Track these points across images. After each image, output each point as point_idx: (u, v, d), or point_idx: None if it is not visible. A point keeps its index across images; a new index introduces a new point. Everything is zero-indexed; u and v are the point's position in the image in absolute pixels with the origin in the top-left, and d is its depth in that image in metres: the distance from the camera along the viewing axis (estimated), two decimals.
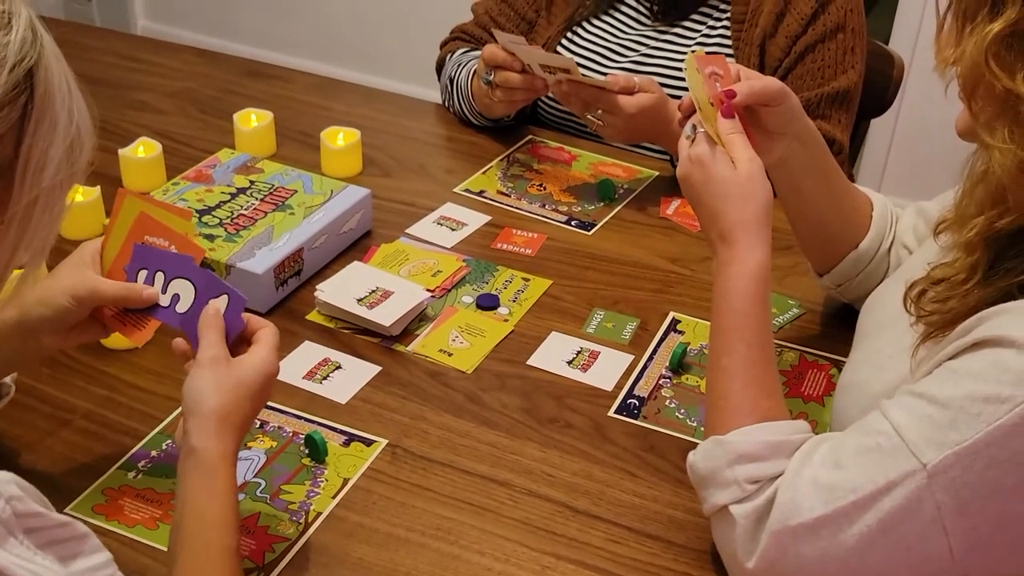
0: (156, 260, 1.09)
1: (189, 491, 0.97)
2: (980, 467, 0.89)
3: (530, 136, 1.80)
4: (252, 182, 1.53)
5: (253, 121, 1.71)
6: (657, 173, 1.71)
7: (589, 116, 1.59)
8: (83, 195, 1.49)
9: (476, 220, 1.59)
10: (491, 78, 1.62)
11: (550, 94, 1.64)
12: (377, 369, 1.31)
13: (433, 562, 1.08)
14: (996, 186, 0.94)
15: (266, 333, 1.06)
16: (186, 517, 0.96)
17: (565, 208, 1.63)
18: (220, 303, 1.05)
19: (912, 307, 1.04)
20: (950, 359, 0.94)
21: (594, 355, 1.34)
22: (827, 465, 0.96)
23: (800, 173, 1.26)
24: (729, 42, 1.70)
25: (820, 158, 1.26)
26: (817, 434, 1.22)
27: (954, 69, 0.96)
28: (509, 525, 1.12)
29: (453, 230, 1.56)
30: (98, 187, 1.51)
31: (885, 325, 1.14)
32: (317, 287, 1.40)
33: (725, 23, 1.71)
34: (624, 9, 1.79)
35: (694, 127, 1.11)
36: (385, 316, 1.34)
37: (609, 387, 1.30)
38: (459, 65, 1.80)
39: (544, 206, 1.63)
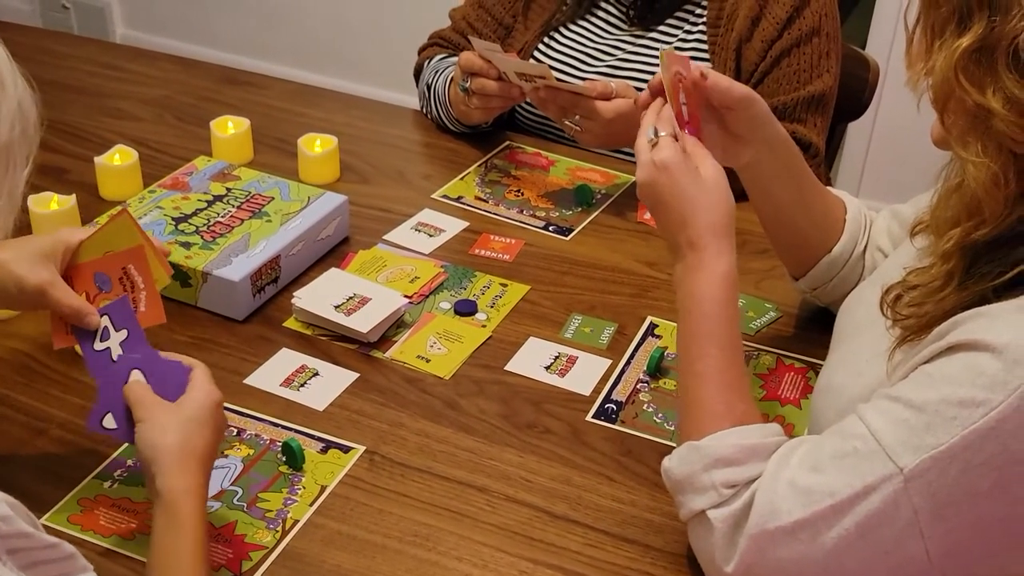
0: (121, 316, 1.09)
1: (156, 532, 0.98)
2: (956, 471, 0.89)
3: (508, 142, 1.80)
4: (229, 189, 1.52)
5: (230, 128, 1.71)
6: (634, 178, 1.71)
7: (567, 122, 1.59)
8: (58, 204, 1.49)
9: (454, 226, 1.59)
10: (467, 85, 1.62)
11: (527, 101, 1.64)
12: (355, 376, 1.31)
13: (411, 568, 1.07)
14: (971, 198, 0.94)
15: (197, 372, 1.07)
16: (153, 557, 0.97)
17: (543, 213, 1.63)
18: (137, 375, 1.06)
19: (888, 311, 1.04)
20: (926, 363, 0.95)
21: (572, 360, 1.34)
22: (805, 468, 0.96)
23: (769, 178, 1.27)
24: (705, 46, 1.71)
25: (790, 163, 1.26)
26: (793, 437, 1.23)
27: (926, 82, 0.96)
28: (487, 531, 1.12)
29: (431, 236, 1.56)
30: (73, 195, 1.51)
31: (862, 328, 1.14)
32: (294, 294, 1.39)
33: (701, 28, 1.71)
34: (600, 14, 1.79)
35: (655, 130, 1.10)
36: (362, 323, 1.34)
37: (587, 392, 1.30)
38: (436, 72, 1.80)
39: (522, 212, 1.63)
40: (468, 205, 1.64)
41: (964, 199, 0.96)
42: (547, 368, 1.33)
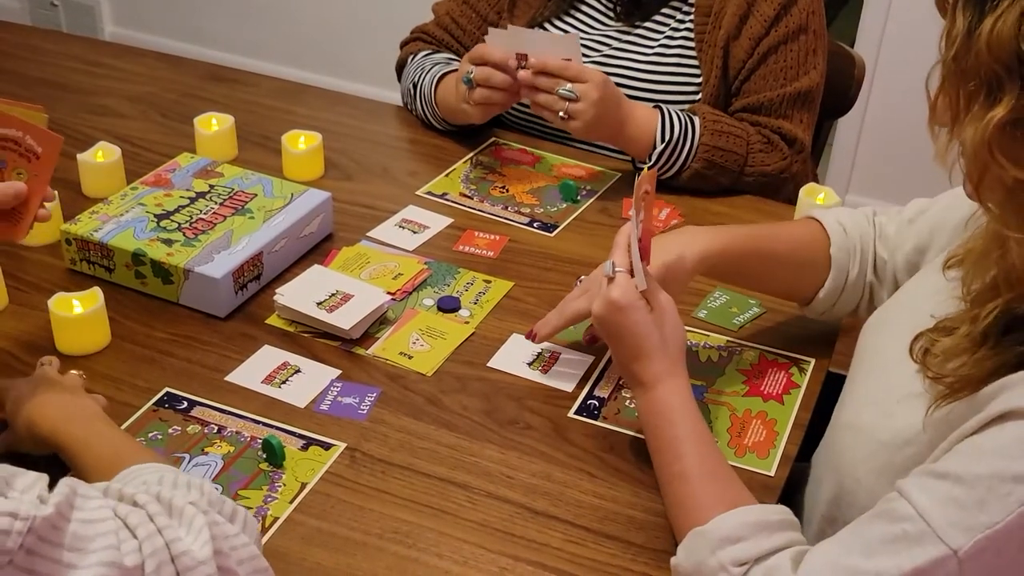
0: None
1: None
2: (1014, 550, 0.86)
3: (493, 138, 1.80)
4: (212, 186, 1.52)
5: (214, 125, 1.70)
6: (619, 174, 1.71)
7: (561, 91, 1.54)
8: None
9: (438, 223, 1.58)
10: (472, 75, 1.58)
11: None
12: (337, 372, 1.30)
13: (391, 565, 1.07)
14: (1012, 270, 0.92)
15: None
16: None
17: (527, 210, 1.63)
18: None
19: (918, 360, 1.01)
20: (973, 434, 0.90)
21: (555, 356, 1.34)
22: (853, 552, 0.92)
23: (732, 279, 1.34)
24: (692, 44, 1.70)
25: (750, 264, 1.29)
26: (777, 439, 1.23)
27: (956, 153, 0.91)
28: (468, 527, 1.12)
29: (415, 233, 1.56)
30: (56, 192, 1.50)
31: (891, 364, 1.09)
32: (277, 291, 1.39)
33: (688, 25, 1.71)
34: (586, 10, 1.79)
35: (613, 265, 1.13)
36: (345, 319, 1.34)
37: (569, 388, 1.29)
38: (422, 70, 1.79)
39: (506, 208, 1.63)
40: (453, 202, 1.64)
41: (1005, 270, 0.93)
42: (530, 364, 1.32)
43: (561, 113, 1.56)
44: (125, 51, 2.13)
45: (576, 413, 1.26)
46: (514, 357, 1.34)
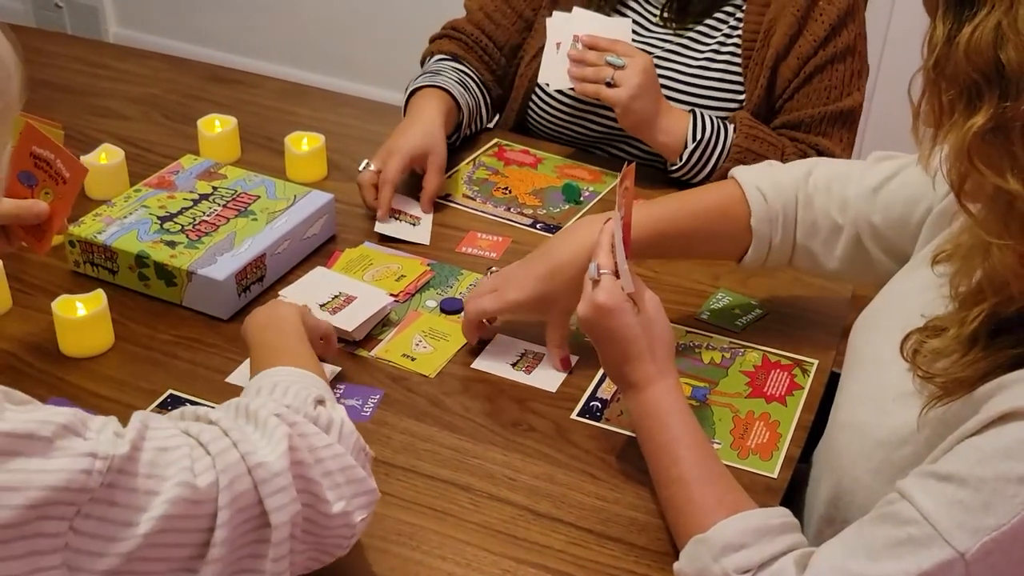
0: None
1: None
2: (1020, 551, 0.86)
3: (496, 140, 1.80)
4: (215, 188, 1.52)
5: (217, 127, 1.71)
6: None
7: (609, 58, 1.58)
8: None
9: (427, 216, 1.59)
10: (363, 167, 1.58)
11: (552, 90, 1.65)
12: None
13: (394, 567, 1.07)
14: (997, 275, 0.92)
15: None
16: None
17: (530, 211, 1.63)
18: None
19: (909, 360, 1.01)
20: (973, 435, 0.90)
21: (538, 358, 1.33)
22: (857, 556, 0.92)
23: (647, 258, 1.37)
24: (739, 59, 1.68)
25: (660, 247, 1.31)
26: (780, 441, 1.22)
27: (939, 159, 0.91)
28: (470, 529, 1.12)
29: (414, 226, 1.56)
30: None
31: (884, 361, 1.08)
32: (280, 293, 1.39)
33: (736, 40, 1.69)
34: (630, 14, 1.75)
35: (598, 267, 1.12)
36: (348, 321, 1.34)
37: (552, 389, 1.30)
38: (415, 81, 1.76)
39: (509, 209, 1.63)
40: (455, 203, 1.64)
41: (988, 274, 0.93)
42: (513, 365, 1.32)
43: (608, 79, 1.57)
44: (128, 53, 2.14)
45: (579, 415, 1.26)
46: (498, 358, 1.34)
